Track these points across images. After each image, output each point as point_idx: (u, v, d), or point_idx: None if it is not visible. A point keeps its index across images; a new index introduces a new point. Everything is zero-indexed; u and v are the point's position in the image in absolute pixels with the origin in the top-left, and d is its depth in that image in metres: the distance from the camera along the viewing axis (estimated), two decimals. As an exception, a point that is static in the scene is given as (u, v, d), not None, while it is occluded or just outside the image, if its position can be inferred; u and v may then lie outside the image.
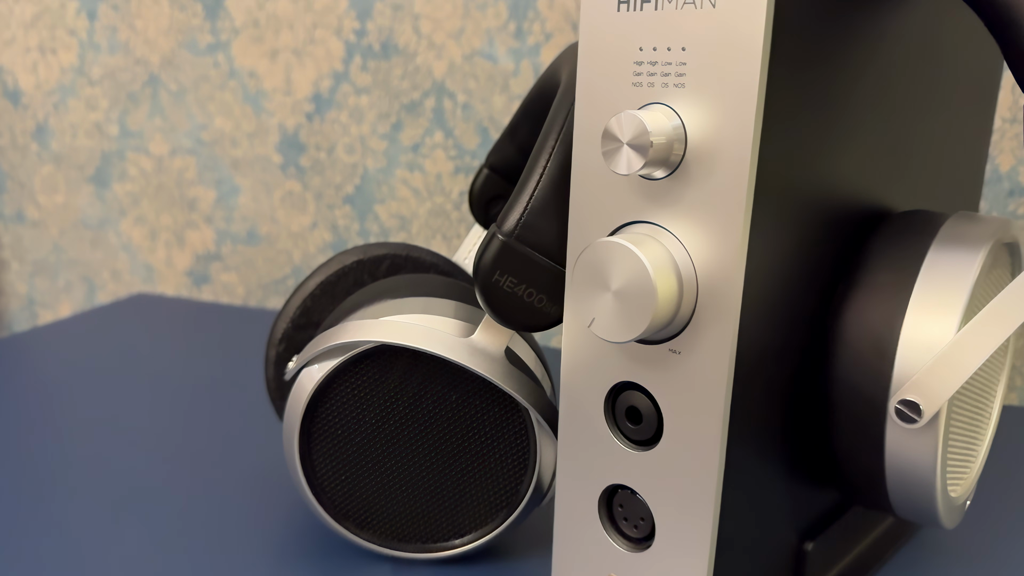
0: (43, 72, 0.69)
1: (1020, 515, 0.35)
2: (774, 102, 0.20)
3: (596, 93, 0.22)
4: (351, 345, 0.26)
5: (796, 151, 0.22)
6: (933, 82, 0.29)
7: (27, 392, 0.45)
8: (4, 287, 0.76)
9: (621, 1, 0.21)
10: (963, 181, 0.33)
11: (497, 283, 0.25)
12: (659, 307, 0.20)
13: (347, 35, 0.60)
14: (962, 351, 0.22)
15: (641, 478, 0.23)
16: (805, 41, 0.21)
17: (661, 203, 0.21)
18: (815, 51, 0.21)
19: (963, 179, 0.33)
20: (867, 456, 0.25)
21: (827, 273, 0.25)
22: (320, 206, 0.65)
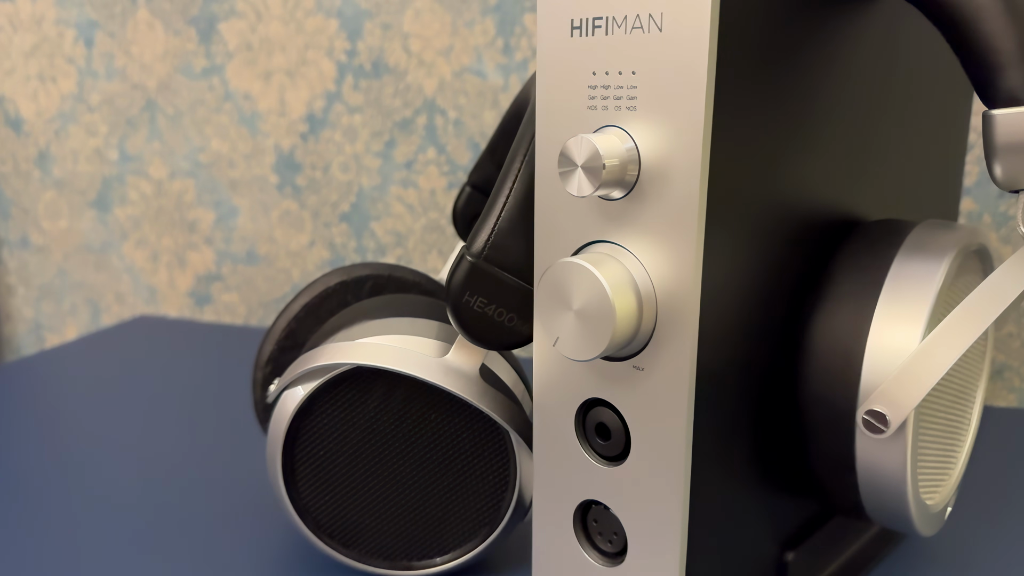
0: (43, 100, 0.71)
1: (1014, 522, 0.35)
2: (724, 120, 0.20)
3: (554, 116, 0.23)
4: (328, 368, 0.27)
5: (753, 165, 0.22)
6: (900, 91, 0.29)
7: (35, 414, 0.46)
8: (11, 312, 0.78)
9: (574, 27, 0.21)
10: (939, 189, 0.33)
11: (468, 303, 0.25)
12: (618, 325, 0.21)
13: (339, 56, 0.61)
14: (926, 360, 0.22)
15: (612, 493, 0.24)
16: (756, 58, 0.21)
17: (619, 223, 0.22)
18: (767, 67, 0.22)
19: (939, 187, 0.33)
20: (839, 466, 0.25)
21: (795, 284, 0.25)
22: (317, 224, 0.65)
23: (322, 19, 0.61)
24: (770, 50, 0.22)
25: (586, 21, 0.21)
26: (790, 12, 0.22)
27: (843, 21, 0.25)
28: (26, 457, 0.41)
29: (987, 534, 0.34)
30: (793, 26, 0.22)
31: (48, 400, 0.49)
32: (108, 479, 0.38)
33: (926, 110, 0.31)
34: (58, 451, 0.42)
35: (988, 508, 0.36)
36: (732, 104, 0.21)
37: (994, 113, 0.23)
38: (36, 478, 0.39)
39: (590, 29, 0.21)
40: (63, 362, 0.56)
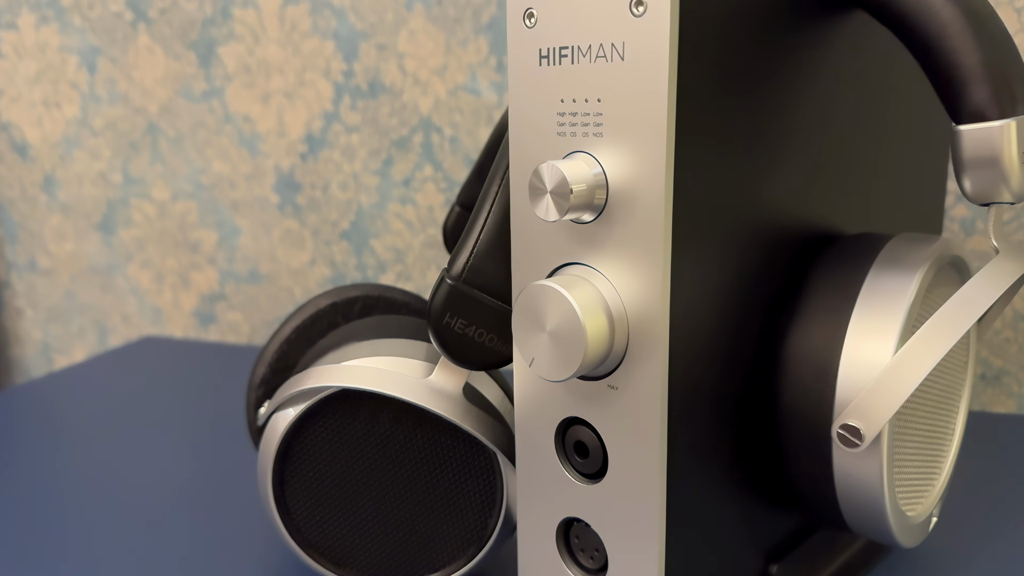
0: (48, 125, 0.72)
1: (1012, 531, 0.35)
2: (688, 143, 0.21)
3: (526, 142, 0.23)
4: (314, 391, 0.28)
5: (721, 186, 0.23)
6: (876, 107, 0.29)
7: (43, 435, 0.47)
8: (20, 334, 0.79)
9: (542, 56, 0.22)
10: (921, 202, 0.33)
11: (448, 325, 0.25)
12: (590, 346, 0.21)
13: (335, 76, 0.62)
14: (899, 373, 0.23)
15: (592, 510, 0.24)
16: (719, 82, 0.22)
17: (591, 245, 0.22)
18: (731, 90, 0.22)
19: (921, 200, 0.33)
20: (818, 480, 0.25)
21: (771, 299, 0.26)
22: (318, 243, 0.66)
23: (318, 41, 0.62)
24: (733, 74, 0.22)
25: (553, 51, 0.22)
26: (753, 37, 0.23)
27: (810, 41, 0.25)
28: (35, 477, 0.42)
29: (983, 543, 0.34)
30: (756, 50, 0.23)
31: (56, 421, 0.50)
32: (114, 498, 0.39)
33: (904, 124, 0.31)
34: (66, 471, 0.42)
35: (987, 516, 0.36)
36: (696, 128, 0.21)
37: (960, 129, 0.23)
38: (45, 498, 0.39)
39: (557, 59, 0.22)
40: (70, 384, 0.57)
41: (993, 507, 0.37)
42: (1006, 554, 0.33)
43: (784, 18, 0.24)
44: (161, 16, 0.66)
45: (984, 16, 0.24)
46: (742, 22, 0.22)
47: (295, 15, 0.62)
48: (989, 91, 0.23)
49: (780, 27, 0.24)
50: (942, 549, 0.34)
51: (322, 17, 0.61)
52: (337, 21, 0.61)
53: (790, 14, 0.24)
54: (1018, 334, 0.52)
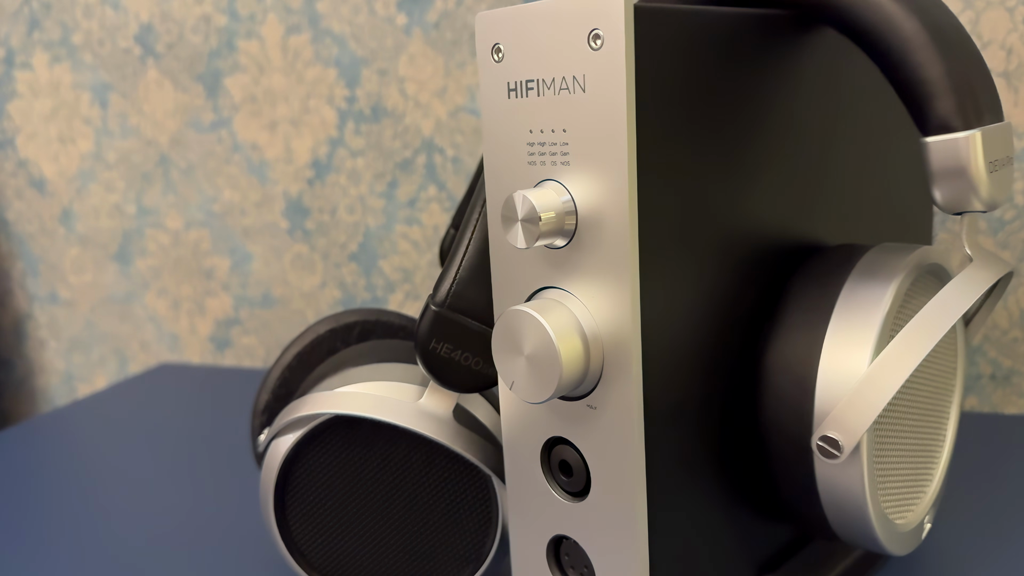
0: (64, 161, 0.74)
1: (1012, 534, 0.35)
2: (652, 167, 0.21)
3: (500, 172, 0.24)
4: (310, 418, 0.28)
5: (691, 205, 0.23)
6: (854, 119, 0.30)
7: (65, 463, 0.48)
8: (44, 364, 0.81)
9: (510, 89, 0.23)
10: (909, 213, 0.34)
11: (435, 350, 0.26)
12: (565, 369, 0.22)
13: (339, 103, 0.63)
14: (875, 383, 0.23)
15: (578, 528, 0.24)
16: (681, 107, 0.22)
17: (565, 269, 0.23)
18: (700, 111, 0.23)
19: (908, 211, 0.34)
20: (803, 492, 0.26)
21: (750, 313, 0.26)
22: (328, 265, 0.67)
23: (321, 69, 0.63)
24: (699, 96, 0.23)
25: (520, 84, 0.22)
26: (718, 59, 0.23)
27: (779, 58, 0.26)
28: (56, 504, 0.43)
29: (991, 548, 0.34)
30: (722, 71, 0.23)
31: (77, 449, 0.51)
32: (133, 522, 0.40)
33: (886, 135, 0.32)
34: (87, 497, 0.44)
35: (996, 520, 0.36)
36: (660, 152, 0.22)
37: (927, 141, 0.24)
38: (69, 525, 0.41)
39: (524, 91, 0.22)
40: (90, 413, 0.58)
41: (1002, 510, 0.37)
42: (1012, 559, 0.33)
43: (751, 39, 0.24)
44: (168, 50, 0.67)
45: (947, 29, 0.24)
46: (705, 47, 0.23)
47: (297, 44, 0.63)
48: (953, 103, 0.23)
49: (746, 48, 0.24)
50: (951, 553, 0.34)
51: (323, 45, 0.63)
52: (338, 49, 0.62)
53: (757, 34, 0.25)
54: (1026, 333, 0.52)
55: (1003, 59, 0.49)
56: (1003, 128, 0.24)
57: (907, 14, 0.24)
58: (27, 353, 0.81)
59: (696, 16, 0.22)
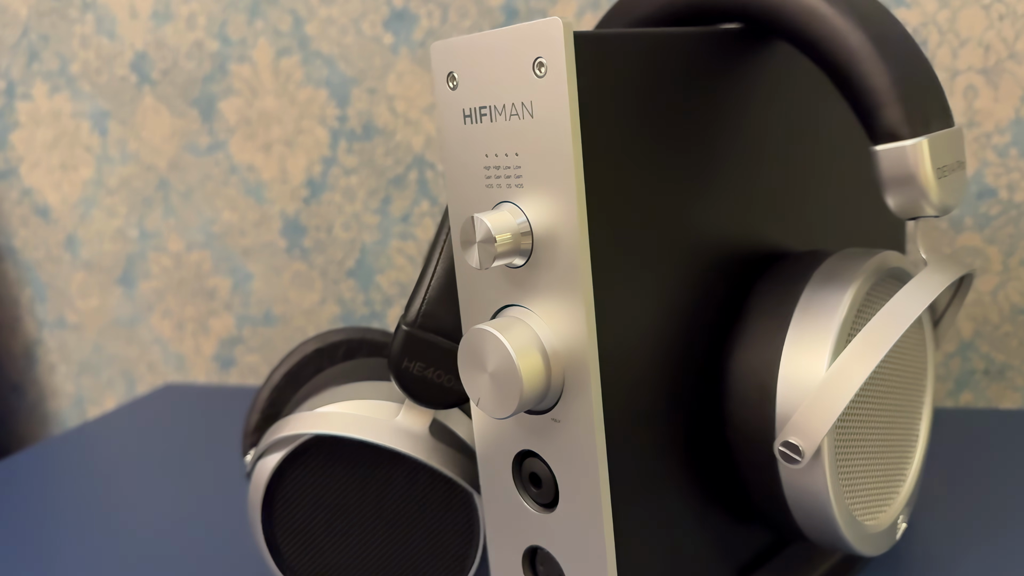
0: (67, 188, 0.75)
1: (1007, 529, 0.36)
2: (604, 187, 0.22)
3: (461, 195, 0.24)
4: (291, 438, 0.29)
5: (650, 218, 0.24)
6: (820, 128, 0.30)
7: (75, 485, 0.49)
8: (55, 388, 0.82)
9: (465, 115, 0.23)
10: (879, 217, 0.34)
11: (407, 369, 0.27)
12: (526, 385, 0.22)
13: (331, 122, 0.64)
14: (832, 388, 0.24)
15: (550, 539, 0.25)
16: (636, 124, 0.23)
17: (525, 288, 0.23)
18: (652, 128, 0.23)
19: (879, 215, 0.34)
20: (771, 497, 0.26)
21: (715, 321, 0.27)
22: (326, 282, 0.68)
23: (312, 90, 0.64)
24: (648, 116, 0.23)
25: (474, 110, 0.23)
26: (670, 77, 0.24)
27: (735, 72, 0.26)
28: (68, 526, 0.44)
29: (986, 543, 0.34)
30: (675, 88, 0.24)
31: (86, 471, 0.52)
32: (141, 540, 0.41)
33: (851, 141, 0.32)
34: (95, 518, 0.45)
35: (993, 516, 0.36)
36: (612, 171, 0.22)
37: (876, 149, 0.24)
38: (79, 545, 0.42)
39: (478, 117, 0.23)
40: (98, 435, 0.59)
41: (999, 505, 0.37)
42: (1014, 550, 0.33)
43: (701, 56, 0.25)
44: (163, 77, 0.69)
45: (894, 39, 0.25)
46: (652, 67, 0.23)
47: (288, 67, 0.64)
48: (900, 111, 0.24)
49: (698, 64, 0.25)
50: (946, 549, 0.34)
51: (314, 67, 0.64)
52: (328, 70, 0.63)
53: (707, 51, 0.25)
54: (1018, 328, 0.52)
55: (981, 56, 0.49)
56: (952, 134, 0.25)
57: (853, 26, 0.24)
58: (38, 378, 0.83)
59: (640, 39, 0.23)
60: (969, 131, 0.50)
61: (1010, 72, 0.49)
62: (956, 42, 0.50)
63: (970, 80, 0.50)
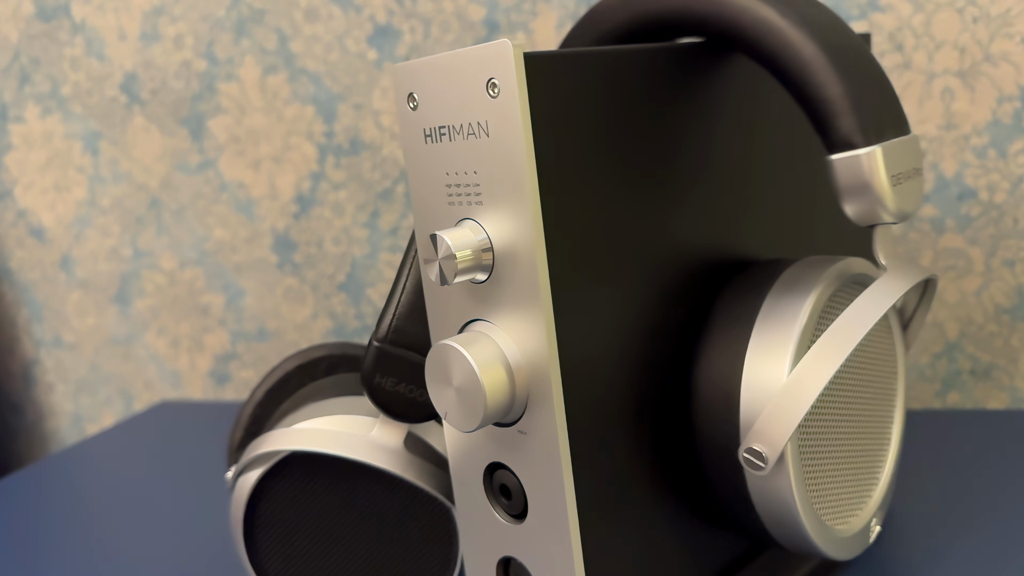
0: (61, 208, 0.76)
1: (996, 530, 0.36)
2: (560, 202, 0.23)
3: (425, 212, 0.25)
4: (269, 455, 0.30)
5: (611, 231, 0.24)
6: (786, 137, 0.31)
7: (71, 504, 0.50)
8: (54, 407, 0.83)
9: (426, 135, 0.24)
10: (847, 225, 0.34)
11: (380, 384, 0.27)
12: (489, 398, 0.23)
13: (318, 138, 0.65)
14: (792, 395, 0.24)
15: (522, 549, 0.25)
16: (592, 139, 0.23)
17: (488, 302, 0.24)
18: (610, 142, 0.24)
19: (847, 223, 0.34)
20: (740, 503, 0.26)
21: (681, 329, 0.27)
22: (318, 297, 0.69)
23: (299, 107, 0.65)
24: (605, 131, 0.24)
25: (434, 130, 0.24)
26: (627, 92, 0.24)
27: (691, 85, 0.27)
28: (65, 544, 0.44)
29: (970, 544, 0.35)
30: (628, 105, 0.24)
31: (83, 490, 0.53)
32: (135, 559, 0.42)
33: (816, 150, 0.32)
34: (91, 536, 0.45)
35: (982, 516, 0.37)
36: (566, 186, 0.23)
37: (832, 159, 0.25)
38: (75, 563, 0.42)
39: (438, 137, 0.24)
40: (93, 453, 0.60)
41: (985, 509, 0.37)
42: (1000, 550, 0.34)
43: (659, 71, 0.25)
44: (153, 97, 0.69)
45: (847, 50, 0.25)
46: (607, 85, 0.24)
47: (275, 84, 0.65)
48: (854, 121, 0.24)
49: (656, 79, 0.25)
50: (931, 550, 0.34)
51: (300, 84, 0.64)
52: (314, 86, 0.64)
53: (664, 66, 0.26)
54: (1003, 328, 0.52)
55: (957, 59, 0.50)
56: (907, 141, 0.25)
57: (806, 38, 0.25)
58: (36, 397, 0.83)
59: (596, 57, 0.23)
60: (947, 133, 0.51)
61: (986, 74, 0.49)
62: (932, 45, 0.50)
63: (947, 83, 0.50)
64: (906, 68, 0.51)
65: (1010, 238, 0.51)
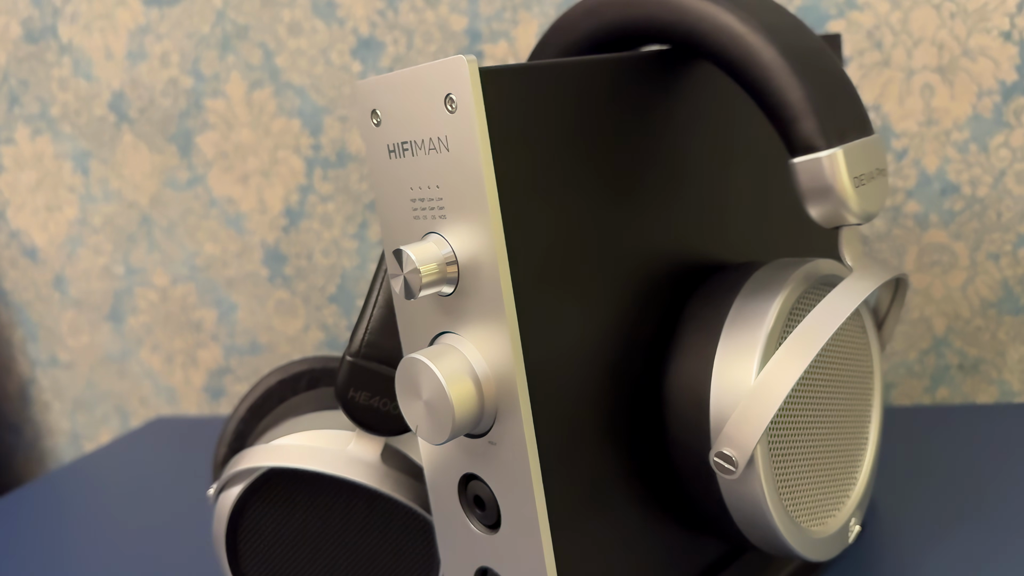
0: (53, 228, 0.76)
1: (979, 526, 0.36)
2: (520, 212, 0.23)
3: (392, 227, 0.25)
4: (248, 472, 0.30)
5: (573, 240, 0.24)
6: (752, 139, 0.31)
7: (65, 523, 0.50)
8: (51, 426, 0.83)
9: (390, 150, 0.24)
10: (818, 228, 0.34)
11: (354, 399, 0.27)
12: (457, 411, 0.23)
13: (305, 151, 0.65)
14: (759, 398, 0.24)
15: (497, 559, 0.26)
16: (551, 151, 0.23)
17: (455, 315, 0.24)
18: (573, 152, 0.24)
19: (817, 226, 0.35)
20: (714, 507, 0.27)
21: (652, 335, 0.27)
22: (309, 309, 0.69)
23: (285, 120, 0.65)
24: (568, 141, 0.24)
25: (397, 146, 0.24)
26: (581, 106, 0.24)
27: (656, 92, 0.27)
28: (60, 564, 0.45)
29: (960, 539, 0.35)
30: (590, 114, 0.25)
31: (79, 507, 0.53)
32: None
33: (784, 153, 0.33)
34: (85, 555, 0.45)
35: (972, 513, 0.37)
36: (528, 198, 0.23)
37: (794, 162, 0.25)
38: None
39: (401, 152, 0.24)
40: (88, 471, 0.60)
41: (973, 506, 0.37)
42: (991, 545, 0.34)
43: (625, 80, 0.26)
44: (141, 115, 0.70)
45: (807, 53, 0.25)
46: (568, 95, 0.24)
47: (261, 99, 0.65)
48: (815, 124, 0.24)
49: (621, 88, 0.25)
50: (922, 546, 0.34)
51: (285, 98, 0.65)
52: (300, 100, 0.64)
53: (632, 75, 0.26)
54: (988, 321, 0.52)
55: (935, 55, 0.50)
56: (869, 143, 0.25)
57: (765, 43, 0.25)
58: (34, 416, 0.83)
59: (551, 70, 0.23)
60: (928, 129, 0.51)
61: (964, 69, 0.50)
62: (910, 42, 0.50)
63: (926, 79, 0.50)
64: (885, 66, 0.51)
65: (994, 232, 0.51)
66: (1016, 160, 0.50)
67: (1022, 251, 0.51)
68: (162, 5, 0.66)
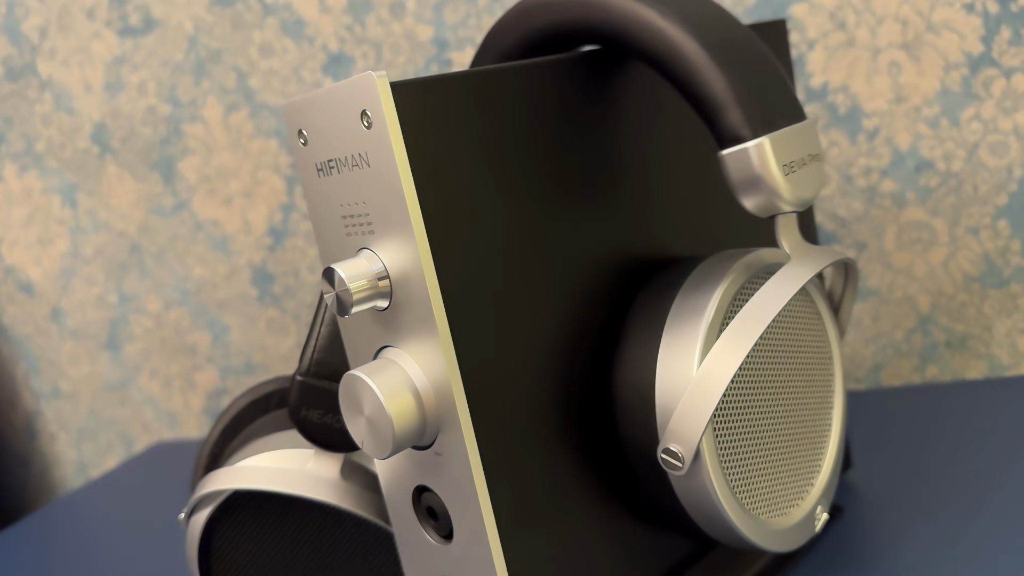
0: (46, 262, 0.77)
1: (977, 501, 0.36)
2: (446, 222, 0.23)
3: (328, 244, 0.25)
4: (213, 495, 0.30)
5: (508, 246, 0.24)
6: (690, 132, 0.31)
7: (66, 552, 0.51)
8: (58, 457, 0.84)
9: (318, 169, 0.24)
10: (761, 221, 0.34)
11: (307, 418, 0.28)
12: (397, 425, 0.23)
13: (285, 170, 0.66)
14: (699, 392, 0.24)
15: (454, 568, 0.26)
16: (477, 159, 0.24)
17: (393, 329, 0.24)
18: (498, 160, 0.24)
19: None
20: (669, 503, 0.26)
21: (601, 333, 0.27)
22: (300, 326, 0.69)
23: (263, 140, 0.66)
24: (495, 148, 0.24)
25: (324, 164, 0.24)
26: (504, 112, 0.24)
27: (588, 92, 0.27)
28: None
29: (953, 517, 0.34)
30: (516, 119, 0.25)
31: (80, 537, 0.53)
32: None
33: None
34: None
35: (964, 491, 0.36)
36: (454, 208, 0.23)
37: (722, 154, 0.25)
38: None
39: (328, 170, 0.24)
40: (90, 499, 0.61)
41: (963, 489, 0.37)
42: (985, 521, 0.33)
43: (553, 82, 0.26)
44: (123, 144, 0.70)
45: (729, 44, 0.25)
46: (498, 100, 0.24)
47: (238, 122, 0.66)
48: (740, 114, 0.24)
49: (550, 91, 0.25)
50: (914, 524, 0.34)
51: (262, 119, 0.65)
52: (276, 120, 0.65)
53: (561, 77, 0.26)
54: (973, 296, 0.52)
55: (899, 32, 0.49)
56: (799, 129, 0.25)
57: (687, 37, 0.25)
58: (41, 448, 0.84)
59: (468, 79, 0.23)
60: (898, 107, 0.50)
61: (929, 44, 0.49)
62: (873, 20, 0.50)
63: (892, 56, 0.50)
64: (851, 45, 0.50)
65: (971, 205, 0.50)
66: (988, 132, 0.49)
67: (1001, 223, 0.50)
68: (136, 35, 0.67)
